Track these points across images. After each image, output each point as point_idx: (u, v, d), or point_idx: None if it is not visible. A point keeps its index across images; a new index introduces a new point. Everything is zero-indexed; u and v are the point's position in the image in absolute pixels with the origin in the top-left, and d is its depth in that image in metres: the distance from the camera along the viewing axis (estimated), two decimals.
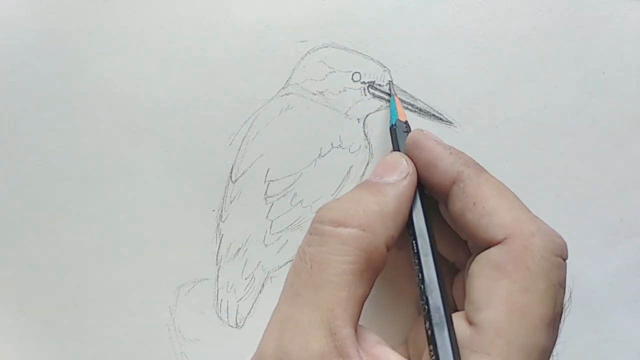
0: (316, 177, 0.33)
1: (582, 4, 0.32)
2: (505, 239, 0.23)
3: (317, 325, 0.22)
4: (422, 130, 0.27)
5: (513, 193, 0.25)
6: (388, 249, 0.24)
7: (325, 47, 0.32)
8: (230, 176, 0.33)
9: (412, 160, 0.26)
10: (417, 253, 0.25)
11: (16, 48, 0.34)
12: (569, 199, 0.32)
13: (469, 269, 0.25)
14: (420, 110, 0.32)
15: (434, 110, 0.32)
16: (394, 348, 0.23)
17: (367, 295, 0.24)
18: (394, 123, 0.30)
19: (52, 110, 0.34)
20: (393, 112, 0.31)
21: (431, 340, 0.22)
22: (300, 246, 0.24)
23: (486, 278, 0.23)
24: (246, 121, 0.33)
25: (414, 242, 0.25)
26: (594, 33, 0.32)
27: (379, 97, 0.32)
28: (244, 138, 0.33)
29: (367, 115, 0.32)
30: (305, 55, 0.33)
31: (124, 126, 0.33)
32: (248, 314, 0.33)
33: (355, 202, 0.24)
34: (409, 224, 0.26)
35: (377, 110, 0.32)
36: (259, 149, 0.33)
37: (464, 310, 0.24)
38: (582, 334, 0.32)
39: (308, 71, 0.33)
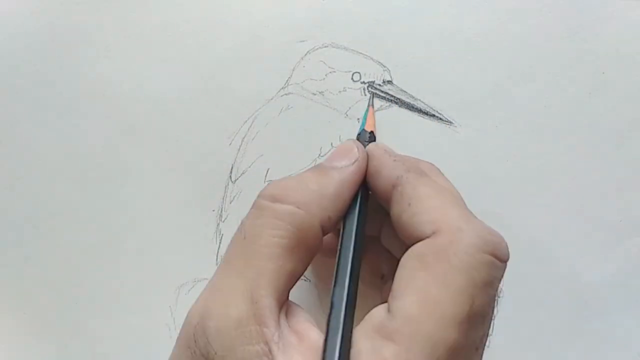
0: None
1: (582, 4, 0.32)
2: (432, 233, 0.23)
3: (240, 292, 0.22)
4: (377, 143, 0.28)
5: (455, 194, 0.25)
6: (324, 230, 0.25)
7: (325, 47, 0.32)
8: (230, 176, 0.33)
9: (366, 172, 0.26)
10: (340, 246, 0.25)
11: (16, 48, 0.34)
12: (569, 199, 0.32)
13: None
14: (420, 110, 0.32)
15: (434, 110, 0.32)
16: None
17: (299, 274, 0.24)
18: (360, 132, 0.30)
19: (52, 110, 0.34)
20: (363, 121, 0.31)
21: (326, 339, 0.22)
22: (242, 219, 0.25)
23: (408, 269, 0.22)
24: (246, 121, 0.33)
25: (340, 237, 0.25)
26: (594, 33, 0.32)
27: (378, 97, 0.32)
28: (244, 138, 0.33)
29: None
30: (305, 55, 0.33)
31: (124, 126, 0.33)
32: None
33: (297, 181, 0.25)
34: (343, 220, 0.26)
35: (377, 110, 0.32)
36: (259, 149, 0.33)
37: None
38: (582, 334, 0.32)
39: (308, 71, 0.32)
